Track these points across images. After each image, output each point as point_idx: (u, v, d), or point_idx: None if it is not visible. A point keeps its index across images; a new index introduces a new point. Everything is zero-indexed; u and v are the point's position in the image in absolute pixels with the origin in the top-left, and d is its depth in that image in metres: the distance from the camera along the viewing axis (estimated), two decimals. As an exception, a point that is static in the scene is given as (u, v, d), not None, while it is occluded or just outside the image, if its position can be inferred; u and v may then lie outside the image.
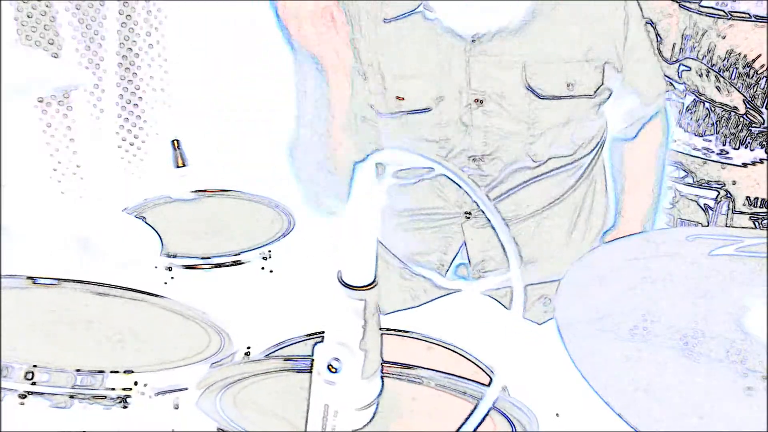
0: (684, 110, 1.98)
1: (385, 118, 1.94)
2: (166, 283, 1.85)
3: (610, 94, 1.91)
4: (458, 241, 1.97)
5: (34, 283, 1.68)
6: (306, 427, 1.20)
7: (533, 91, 1.87)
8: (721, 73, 1.92)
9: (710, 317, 1.29)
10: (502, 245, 1.25)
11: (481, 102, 1.88)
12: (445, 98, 1.89)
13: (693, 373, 1.18)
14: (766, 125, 1.90)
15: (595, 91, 1.89)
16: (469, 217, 1.93)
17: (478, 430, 1.24)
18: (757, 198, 1.92)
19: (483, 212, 1.16)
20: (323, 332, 1.19)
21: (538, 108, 1.88)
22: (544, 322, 1.92)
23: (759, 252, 1.45)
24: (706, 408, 1.13)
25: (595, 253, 1.74)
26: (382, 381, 1.22)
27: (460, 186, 1.25)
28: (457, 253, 1.98)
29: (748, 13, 1.86)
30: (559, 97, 1.88)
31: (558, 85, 1.87)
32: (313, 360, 1.18)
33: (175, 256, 1.89)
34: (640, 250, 1.55)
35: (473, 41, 1.85)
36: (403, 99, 1.92)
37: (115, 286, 1.71)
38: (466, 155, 1.91)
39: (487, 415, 1.16)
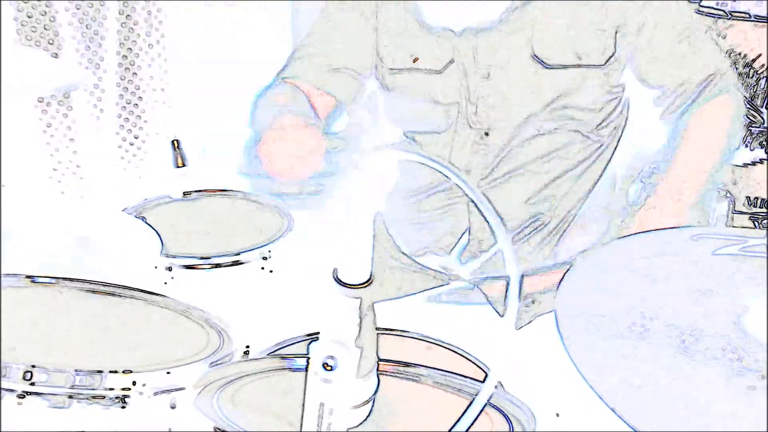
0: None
1: (397, 73, 1.95)
2: (166, 283, 1.85)
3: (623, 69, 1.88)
4: (464, 222, 1.97)
5: (33, 282, 1.68)
6: (302, 426, 1.19)
7: (540, 60, 1.86)
8: (721, 72, 1.91)
9: (709, 316, 1.29)
10: (500, 247, 1.24)
11: (488, 75, 1.88)
12: (455, 62, 1.89)
13: (690, 371, 1.18)
14: (766, 125, 1.89)
15: (606, 61, 1.87)
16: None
17: (478, 429, 1.24)
18: (757, 198, 1.92)
19: (480, 211, 1.16)
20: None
21: (543, 77, 1.86)
22: (522, 326, 1.90)
23: (761, 252, 1.45)
24: (703, 406, 1.13)
25: (598, 250, 1.74)
26: (378, 379, 1.22)
27: (458, 185, 1.24)
28: (462, 234, 1.97)
29: (748, 13, 1.86)
30: (566, 66, 1.86)
31: (566, 53, 1.85)
32: (308, 358, 1.18)
33: (175, 256, 1.89)
34: (643, 249, 1.55)
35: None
36: (417, 59, 1.93)
37: (115, 286, 1.71)
38: (470, 125, 1.91)
39: (482, 411, 1.15)
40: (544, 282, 1.92)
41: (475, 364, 1.58)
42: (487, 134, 1.91)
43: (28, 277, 1.68)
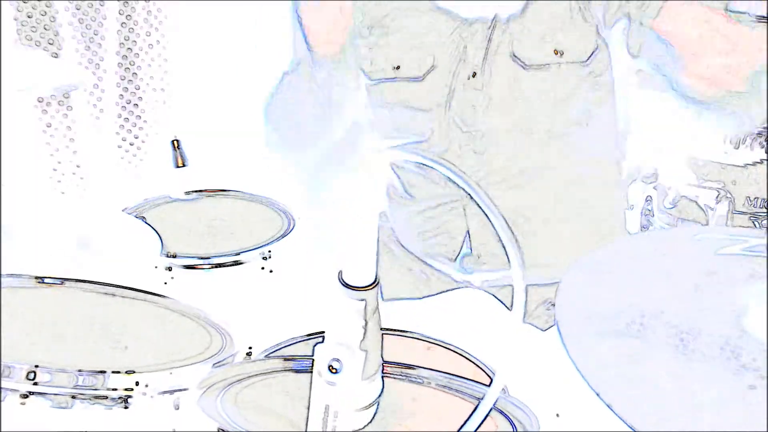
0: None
1: (379, 83, 1.95)
2: (166, 283, 1.85)
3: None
4: (462, 230, 1.96)
5: (39, 283, 1.68)
6: (306, 428, 1.20)
7: (519, 61, 1.83)
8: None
9: (708, 314, 1.29)
10: (502, 243, 1.24)
11: (474, 75, 1.86)
12: (437, 69, 1.88)
13: (689, 371, 1.18)
14: (766, 125, 1.90)
15: (589, 57, 1.83)
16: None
17: (480, 430, 1.24)
18: (757, 198, 1.93)
19: (481, 209, 1.16)
20: (323, 332, 1.19)
21: (523, 79, 1.83)
22: (548, 328, 1.90)
23: (762, 252, 1.45)
24: (702, 406, 1.13)
25: (599, 250, 1.74)
26: (383, 381, 1.22)
27: (458, 184, 1.25)
28: (462, 243, 1.96)
29: (748, 13, 1.86)
30: (547, 65, 1.82)
31: (545, 52, 1.81)
32: (313, 360, 1.18)
33: (175, 256, 1.89)
34: (644, 248, 1.55)
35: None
36: (398, 68, 1.91)
37: (116, 286, 1.71)
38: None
39: (488, 415, 1.16)
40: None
41: (475, 364, 1.58)
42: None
43: (35, 277, 1.68)
